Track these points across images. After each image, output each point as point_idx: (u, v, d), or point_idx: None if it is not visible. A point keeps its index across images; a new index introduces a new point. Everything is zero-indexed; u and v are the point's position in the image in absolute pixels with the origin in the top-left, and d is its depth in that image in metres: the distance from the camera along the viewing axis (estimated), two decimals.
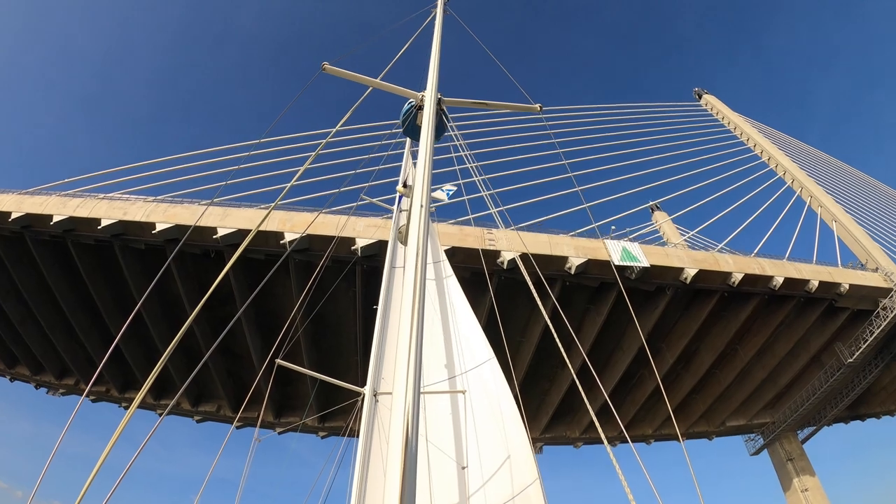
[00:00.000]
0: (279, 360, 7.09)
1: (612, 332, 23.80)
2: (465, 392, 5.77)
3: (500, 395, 5.71)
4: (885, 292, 27.39)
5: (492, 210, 9.53)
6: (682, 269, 21.73)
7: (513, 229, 18.79)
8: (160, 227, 19.47)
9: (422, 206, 4.21)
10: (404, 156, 10.29)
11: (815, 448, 34.56)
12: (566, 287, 20.92)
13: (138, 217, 19.87)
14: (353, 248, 19.07)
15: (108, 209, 20.50)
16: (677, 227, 36.95)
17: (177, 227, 19.57)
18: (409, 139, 8.78)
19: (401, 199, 8.87)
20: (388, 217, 19.49)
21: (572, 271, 20.02)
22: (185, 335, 4.49)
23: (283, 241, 18.96)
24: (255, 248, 19.57)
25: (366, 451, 5.27)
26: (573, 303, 22.75)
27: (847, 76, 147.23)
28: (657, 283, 21.94)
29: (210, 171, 24.89)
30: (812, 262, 27.52)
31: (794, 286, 24.66)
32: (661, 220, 36.93)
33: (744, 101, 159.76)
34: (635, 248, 20.81)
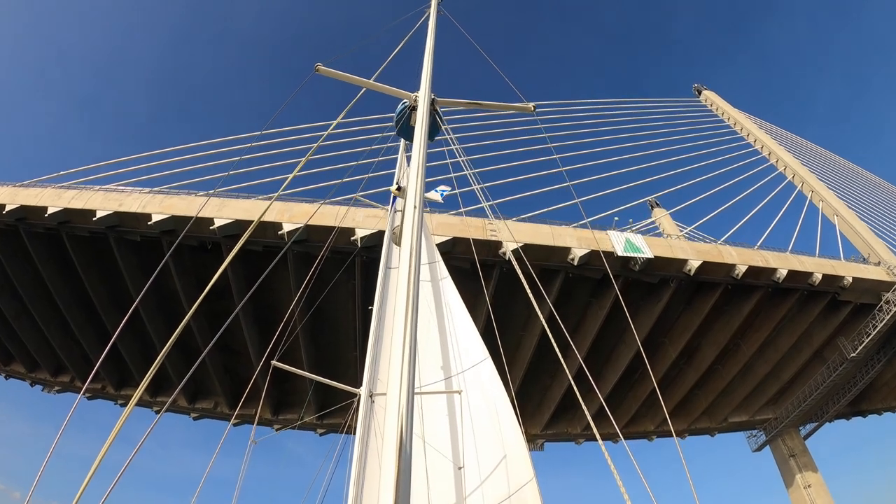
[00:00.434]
0: (275, 362, 7.04)
1: (615, 326, 23.51)
2: (461, 392, 5.76)
3: (496, 395, 5.70)
4: (888, 286, 27.27)
5: (484, 204, 9.50)
6: (686, 260, 21.49)
7: (515, 220, 18.54)
8: (156, 219, 19.15)
9: (415, 208, 4.20)
10: (399, 156, 10.18)
11: (815, 445, 34.30)
12: (568, 279, 20.63)
13: (134, 208, 19.56)
14: (352, 238, 18.77)
15: (104, 201, 20.17)
16: (676, 224, 36.73)
17: (173, 217, 19.25)
18: (403, 140, 8.67)
19: (395, 200, 8.75)
20: (388, 208, 19.21)
21: (575, 262, 19.74)
22: (182, 330, 4.41)
23: (281, 231, 18.66)
24: (252, 240, 19.23)
25: (362, 453, 5.26)
26: (575, 296, 22.47)
27: (845, 72, 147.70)
28: (660, 274, 21.68)
29: (206, 163, 24.66)
30: (815, 256, 27.36)
31: (797, 279, 24.46)
32: (660, 216, 36.72)
33: (743, 97, 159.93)
34: (639, 240, 20.60)
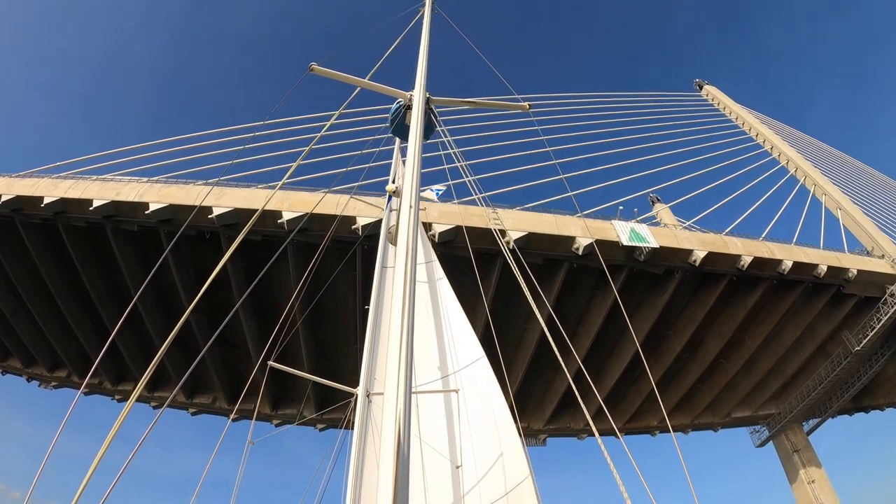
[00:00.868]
0: (271, 363, 6.99)
1: (620, 318, 23.23)
2: (457, 391, 5.70)
3: (492, 393, 5.68)
4: (893, 279, 27.10)
5: (478, 197, 9.30)
6: (692, 250, 21.23)
7: (519, 209, 18.26)
8: (154, 207, 18.82)
9: (411, 207, 4.14)
10: (394, 155, 10.02)
11: (817, 440, 34.02)
12: (573, 269, 20.35)
13: (131, 197, 19.24)
14: (353, 227, 18.47)
15: (101, 190, 19.85)
16: (678, 219, 36.48)
17: (171, 206, 18.92)
18: (398, 138, 8.65)
19: (391, 199, 8.59)
20: (384, 198, 18.96)
21: (580, 252, 19.46)
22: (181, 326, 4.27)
23: (280, 220, 18.33)
24: (251, 229, 18.91)
25: (360, 452, 5.18)
26: (579, 287, 22.21)
27: (845, 69, 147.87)
28: (666, 265, 21.42)
29: (204, 153, 24.34)
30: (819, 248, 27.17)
31: (802, 270, 24.24)
32: (660, 209, 36.49)
33: (744, 93, 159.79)
34: (644, 230, 20.35)
